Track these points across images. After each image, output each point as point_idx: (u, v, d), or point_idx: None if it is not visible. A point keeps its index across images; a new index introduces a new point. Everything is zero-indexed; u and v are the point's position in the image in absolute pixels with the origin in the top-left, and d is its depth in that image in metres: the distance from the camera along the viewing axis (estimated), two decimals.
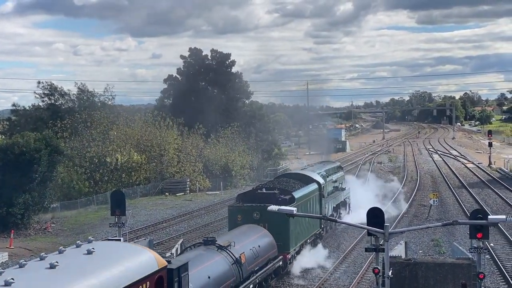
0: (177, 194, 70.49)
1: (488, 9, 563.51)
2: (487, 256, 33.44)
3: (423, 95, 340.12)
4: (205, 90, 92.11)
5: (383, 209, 21.36)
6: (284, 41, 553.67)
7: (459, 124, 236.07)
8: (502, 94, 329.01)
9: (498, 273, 33.30)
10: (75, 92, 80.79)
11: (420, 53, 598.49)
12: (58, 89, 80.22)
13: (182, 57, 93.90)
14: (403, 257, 26.15)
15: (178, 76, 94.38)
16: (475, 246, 24.35)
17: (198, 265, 22.19)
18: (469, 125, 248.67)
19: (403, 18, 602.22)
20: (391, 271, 19.05)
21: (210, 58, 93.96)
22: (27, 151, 49.20)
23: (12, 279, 12.75)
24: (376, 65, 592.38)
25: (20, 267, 14.18)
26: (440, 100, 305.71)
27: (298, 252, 34.41)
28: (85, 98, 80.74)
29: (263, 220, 31.19)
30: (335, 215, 44.45)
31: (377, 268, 20.38)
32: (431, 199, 51.75)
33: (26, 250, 42.48)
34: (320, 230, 39.64)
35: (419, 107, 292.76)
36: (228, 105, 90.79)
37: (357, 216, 43.53)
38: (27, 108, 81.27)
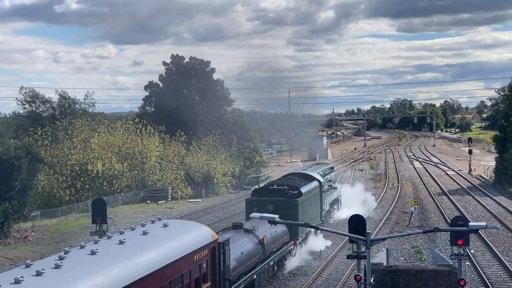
0: (159, 202, 70.24)
1: (468, 17, 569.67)
2: (467, 263, 33.65)
3: (404, 102, 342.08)
4: (187, 98, 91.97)
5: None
6: (266, 48, 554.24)
7: (439, 131, 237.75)
8: (482, 102, 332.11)
9: (479, 279, 33.51)
10: (56, 99, 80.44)
11: (401, 61, 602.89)
12: (39, 96, 79.81)
13: (164, 63, 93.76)
14: (384, 264, 26.23)
15: (159, 83, 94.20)
16: (456, 253, 24.52)
17: (233, 243, 26.73)
18: (449, 132, 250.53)
19: (384, 26, 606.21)
20: (372, 278, 19.11)
21: (190, 66, 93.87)
22: (7, 159, 48.84)
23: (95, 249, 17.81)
24: (358, 73, 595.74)
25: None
26: (421, 107, 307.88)
27: (304, 239, 40.08)
28: (66, 105, 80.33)
29: (276, 211, 34.09)
30: (331, 209, 51.30)
31: (359, 275, 20.43)
32: (412, 206, 52.01)
33: (6, 259, 42.05)
34: (320, 222, 45.84)
35: (400, 114, 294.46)
36: (209, 112, 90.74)
37: (347, 211, 50.05)
38: (8, 115, 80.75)
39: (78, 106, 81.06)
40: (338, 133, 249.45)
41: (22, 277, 14.41)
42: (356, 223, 20.90)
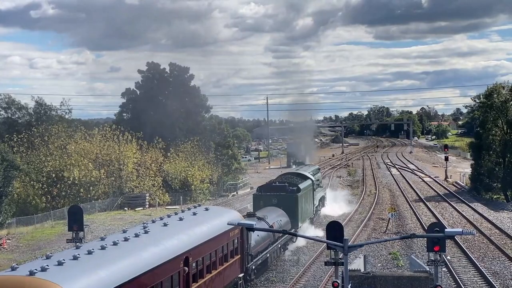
0: (136, 209, 69.85)
1: (445, 25, 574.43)
2: (444, 269, 33.87)
3: (381, 109, 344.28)
4: (164, 104, 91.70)
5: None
6: (244, 55, 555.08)
7: (416, 138, 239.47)
8: (458, 109, 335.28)
9: (455, 285, 33.76)
10: (32, 105, 79.78)
11: (379, 68, 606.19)
12: (15, 102, 79.10)
13: (139, 71, 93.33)
14: (362, 271, 26.33)
15: (136, 90, 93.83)
16: (433, 259, 24.70)
17: None
18: (426, 139, 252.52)
19: (361, 33, 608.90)
20: (350, 285, 19.16)
21: (168, 72, 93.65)
22: None
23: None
24: (336, 80, 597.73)
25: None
26: (398, 114, 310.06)
27: (301, 228, 46.16)
28: (42, 112, 79.71)
29: (279, 204, 43.09)
30: (320, 205, 57.89)
31: (336, 281, 20.49)
32: (389, 213, 52.29)
33: None
34: (313, 215, 52.70)
35: (377, 121, 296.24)
36: (187, 119, 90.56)
37: (331, 208, 61.09)
38: None
39: (54, 112, 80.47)
40: (316, 139, 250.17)
41: (127, 236, 22.24)
42: (334, 230, 20.98)
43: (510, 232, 48.69)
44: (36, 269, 16.93)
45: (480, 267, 37.16)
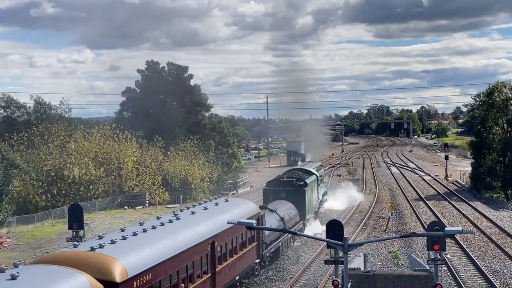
0: (136, 208, 69.84)
1: (445, 24, 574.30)
2: (444, 268, 33.87)
3: (381, 108, 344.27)
4: (164, 103, 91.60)
5: None
6: (244, 54, 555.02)
7: (416, 137, 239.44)
8: (458, 108, 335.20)
9: (455, 284, 33.76)
10: (32, 104, 79.75)
11: (379, 67, 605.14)
12: (14, 101, 79.07)
13: (139, 70, 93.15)
14: (362, 269, 26.33)
15: (136, 89, 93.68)
16: (433, 257, 24.68)
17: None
18: (426, 138, 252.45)
19: (361, 32, 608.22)
20: (350, 284, 19.15)
21: (167, 71, 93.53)
22: None
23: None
24: (335, 79, 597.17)
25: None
26: (398, 113, 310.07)
27: (308, 221, 49.17)
28: (42, 110, 79.68)
29: (287, 198, 45.93)
30: (323, 199, 60.81)
31: (336, 280, 20.47)
32: (389, 211, 52.30)
33: None
34: (318, 209, 55.55)
35: (377, 120, 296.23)
36: (187, 118, 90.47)
37: (333, 202, 64.64)
38: None
39: (54, 111, 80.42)
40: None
41: (163, 222, 25.64)
42: (334, 229, 20.96)
43: (510, 231, 48.70)
44: (95, 246, 20.31)
45: (480, 266, 37.17)
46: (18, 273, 15.81)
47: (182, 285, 23.60)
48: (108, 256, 19.76)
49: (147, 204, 71.83)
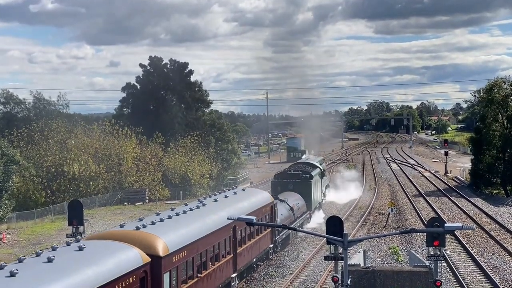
0: (136, 204, 69.87)
1: (445, 20, 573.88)
2: (443, 264, 33.89)
3: (381, 104, 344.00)
4: (164, 99, 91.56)
5: None
6: (244, 50, 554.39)
7: (416, 133, 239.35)
8: (458, 104, 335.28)
9: (455, 280, 33.79)
10: (31, 100, 79.73)
11: (379, 63, 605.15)
12: (13, 97, 79.05)
13: (141, 65, 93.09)
14: (361, 265, 26.33)
15: (136, 85, 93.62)
16: (432, 253, 24.70)
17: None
18: (426, 134, 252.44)
19: (361, 28, 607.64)
20: (350, 280, 19.16)
21: (168, 68, 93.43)
22: None
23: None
24: (336, 75, 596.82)
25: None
26: (398, 109, 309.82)
27: (313, 212, 52.25)
28: (41, 106, 79.64)
29: (295, 189, 48.76)
30: (326, 192, 64.05)
31: (336, 276, 20.50)
32: (389, 207, 52.33)
33: None
34: (321, 200, 58.45)
35: (377, 116, 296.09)
36: (187, 114, 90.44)
37: (333, 195, 67.80)
38: None
39: (53, 107, 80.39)
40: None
41: (191, 207, 29.23)
42: (334, 225, 20.97)
43: (510, 227, 48.73)
44: (139, 226, 23.48)
45: (480, 262, 37.19)
46: (84, 245, 19.98)
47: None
48: (151, 234, 22.75)
49: (147, 200, 71.85)
